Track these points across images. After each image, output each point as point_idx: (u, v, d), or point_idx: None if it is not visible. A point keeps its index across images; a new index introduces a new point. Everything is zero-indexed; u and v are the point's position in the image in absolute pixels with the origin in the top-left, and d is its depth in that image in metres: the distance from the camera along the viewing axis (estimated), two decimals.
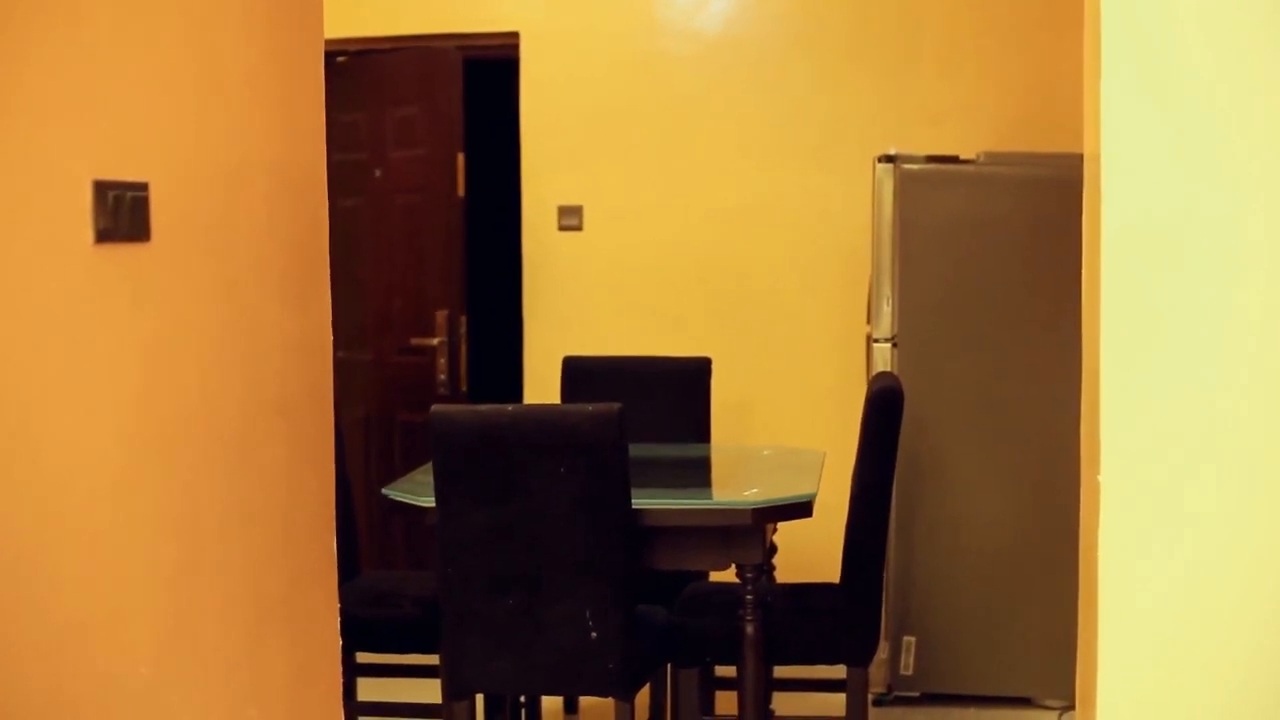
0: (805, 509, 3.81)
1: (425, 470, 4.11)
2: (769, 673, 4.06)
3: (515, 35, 5.89)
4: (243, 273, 2.62)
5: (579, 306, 5.88)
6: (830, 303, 5.69)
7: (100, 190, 2.15)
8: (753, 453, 4.81)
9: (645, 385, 4.79)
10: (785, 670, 4.20)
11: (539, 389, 5.73)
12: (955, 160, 5.01)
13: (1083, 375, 2.25)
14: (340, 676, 3.05)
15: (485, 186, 6.60)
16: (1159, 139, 2.02)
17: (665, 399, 4.82)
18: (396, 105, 5.95)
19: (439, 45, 5.87)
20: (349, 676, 3.96)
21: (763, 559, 3.87)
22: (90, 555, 2.16)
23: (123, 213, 2.20)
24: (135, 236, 2.25)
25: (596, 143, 5.86)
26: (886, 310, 4.96)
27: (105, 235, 2.17)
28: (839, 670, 4.02)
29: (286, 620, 2.78)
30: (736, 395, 5.49)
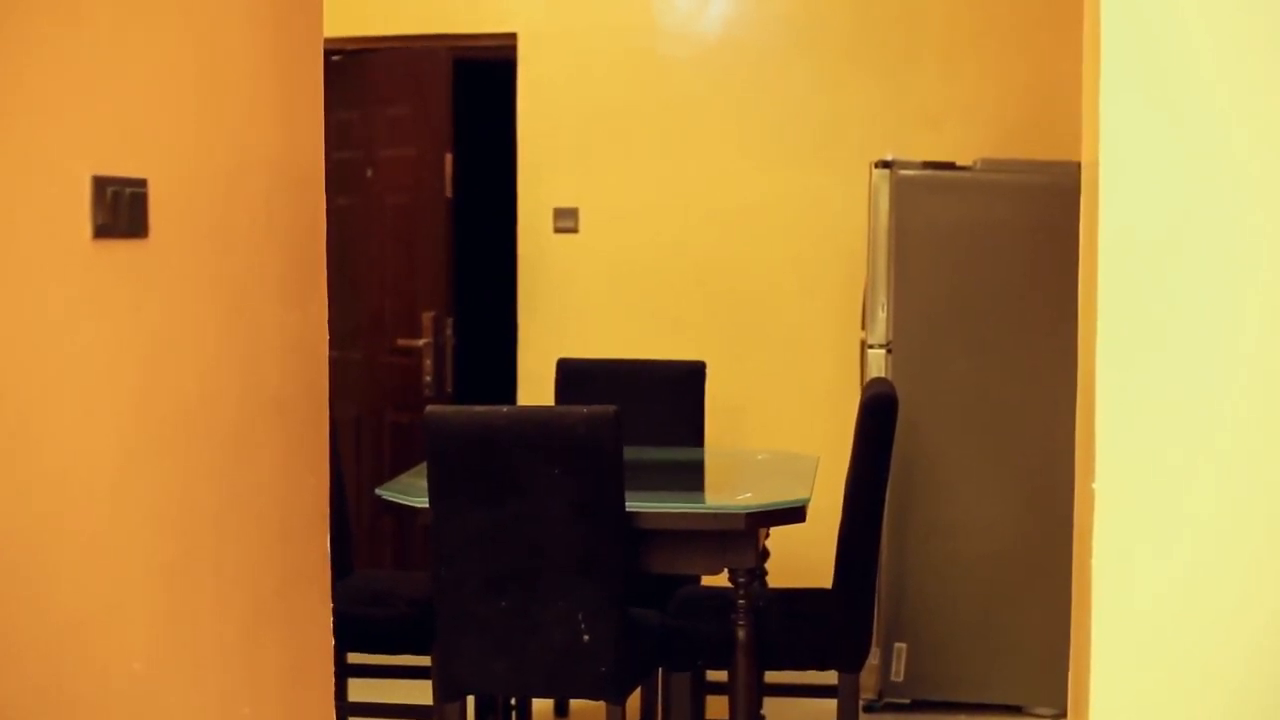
0: (799, 514, 3.81)
1: (417, 471, 4.11)
2: (760, 678, 4.06)
3: (513, 36, 5.89)
4: (241, 270, 2.62)
5: (574, 309, 5.88)
6: (826, 307, 5.70)
7: (99, 186, 2.15)
8: (747, 457, 4.82)
9: (640, 388, 4.79)
10: (776, 675, 4.21)
11: (533, 391, 5.73)
12: (952, 167, 5.02)
13: (1078, 382, 2.25)
14: (333, 675, 3.05)
15: (481, 188, 6.59)
16: (1158, 146, 2.02)
17: (660, 402, 4.83)
18: (387, 105, 5.96)
19: (436, 46, 5.88)
20: (340, 677, 3.95)
21: (755, 563, 3.87)
22: (87, 552, 2.15)
23: (121, 209, 2.20)
24: (134, 233, 2.25)
25: (593, 145, 5.86)
26: (882, 316, 4.96)
27: (104, 231, 2.16)
28: (830, 676, 4.03)
29: (282, 618, 2.78)
30: (731, 399, 5.49)
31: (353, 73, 5.86)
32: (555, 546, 3.56)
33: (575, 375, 4.91)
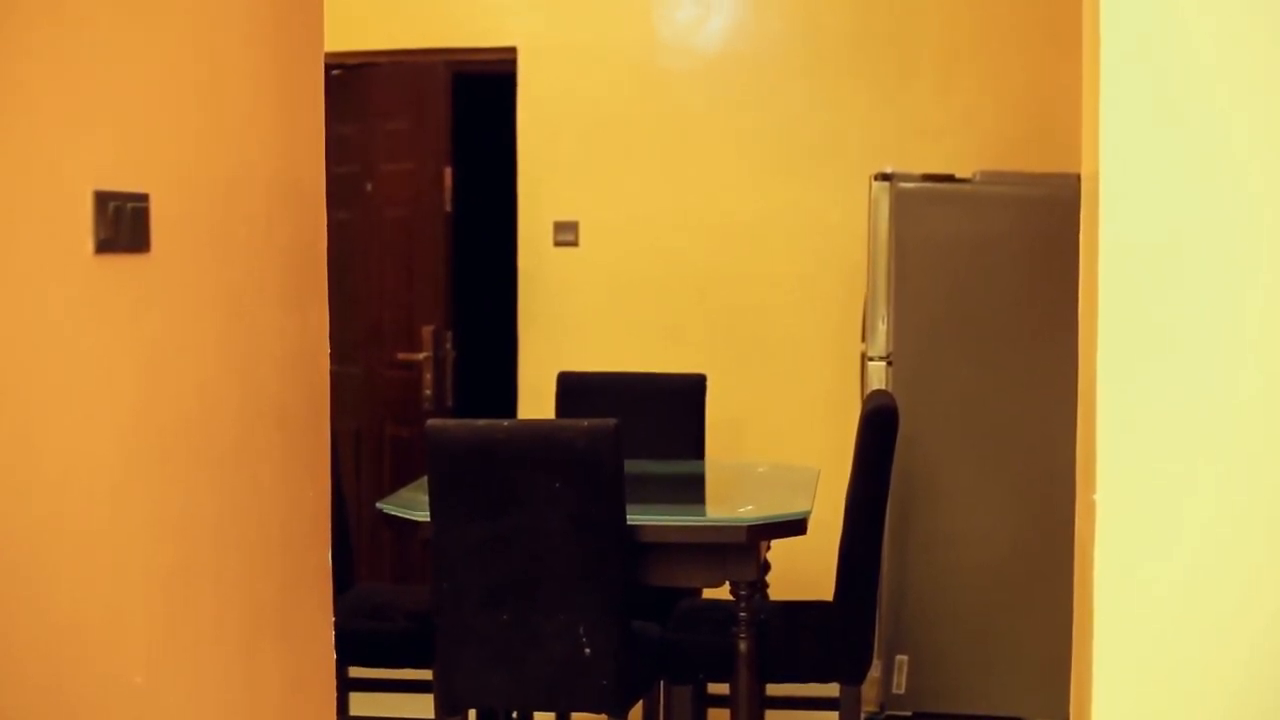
0: (800, 526, 3.81)
1: (418, 485, 4.11)
2: (762, 690, 4.05)
3: (512, 50, 5.90)
4: (242, 284, 2.62)
5: (574, 322, 5.88)
6: (826, 319, 5.70)
7: (101, 201, 2.15)
8: (748, 469, 4.81)
9: (640, 401, 4.79)
10: (778, 688, 4.20)
11: (534, 404, 5.73)
12: (951, 179, 5.02)
13: (1078, 394, 2.25)
14: (334, 688, 3.04)
15: (481, 201, 6.60)
16: (1158, 158, 2.02)
17: (660, 415, 4.83)
18: (386, 119, 5.97)
19: (435, 60, 5.89)
20: (341, 690, 3.95)
21: (756, 576, 3.87)
22: (87, 560, 2.16)
23: (123, 223, 2.20)
24: (135, 247, 2.25)
25: (593, 158, 5.87)
26: (882, 328, 4.97)
27: (105, 246, 2.16)
28: (832, 688, 4.02)
29: (282, 630, 2.78)
30: (732, 412, 5.49)
31: (353, 87, 5.87)
32: (556, 560, 3.55)
33: (575, 388, 4.91)
